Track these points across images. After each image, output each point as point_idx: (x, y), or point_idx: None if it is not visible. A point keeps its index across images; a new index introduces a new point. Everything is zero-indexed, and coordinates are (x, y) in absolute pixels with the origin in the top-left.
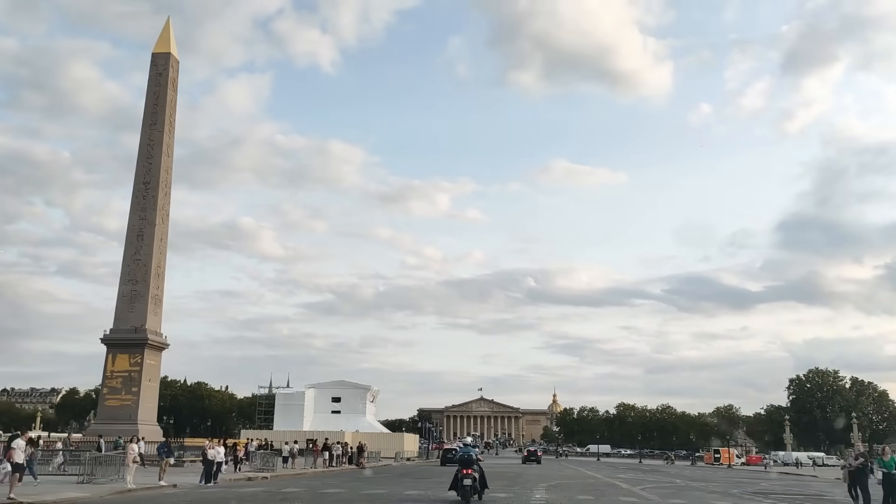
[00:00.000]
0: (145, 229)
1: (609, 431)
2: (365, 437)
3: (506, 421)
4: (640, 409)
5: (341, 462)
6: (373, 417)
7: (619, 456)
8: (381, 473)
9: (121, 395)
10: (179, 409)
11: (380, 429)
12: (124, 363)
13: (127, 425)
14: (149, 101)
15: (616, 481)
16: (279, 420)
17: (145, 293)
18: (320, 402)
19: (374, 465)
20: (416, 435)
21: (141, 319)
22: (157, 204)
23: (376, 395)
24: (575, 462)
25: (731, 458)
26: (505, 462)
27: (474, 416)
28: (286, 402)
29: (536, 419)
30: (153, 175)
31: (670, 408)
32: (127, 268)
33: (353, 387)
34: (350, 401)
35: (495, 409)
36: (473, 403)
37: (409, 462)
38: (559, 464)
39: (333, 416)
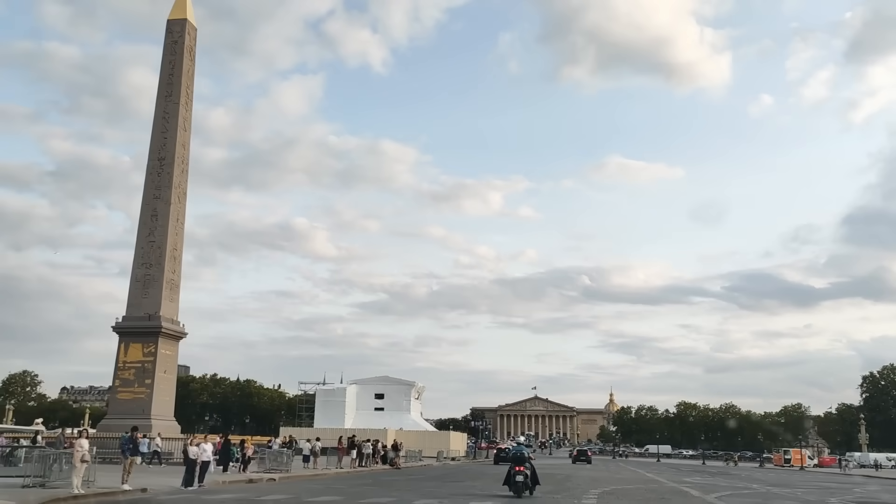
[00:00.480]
0: (160, 208)
1: (669, 431)
2: (408, 436)
3: (560, 420)
4: (702, 408)
5: (373, 462)
6: (418, 415)
7: (680, 457)
8: (411, 475)
9: (133, 387)
10: (229, 406)
11: (425, 427)
12: (137, 353)
13: (140, 420)
14: (164, 71)
15: (684, 487)
16: (320, 417)
17: (159, 277)
18: (363, 398)
19: (412, 465)
20: (463, 434)
21: (155, 306)
22: (172, 181)
23: (421, 392)
24: (633, 463)
25: (804, 460)
26: (555, 462)
27: (528, 415)
28: (327, 398)
29: (592, 418)
30: (168, 150)
31: (734, 407)
32: (140, 250)
33: (397, 383)
34: (394, 397)
35: (550, 408)
36: (528, 402)
37: (454, 462)
38: (616, 465)
39: (376, 413)
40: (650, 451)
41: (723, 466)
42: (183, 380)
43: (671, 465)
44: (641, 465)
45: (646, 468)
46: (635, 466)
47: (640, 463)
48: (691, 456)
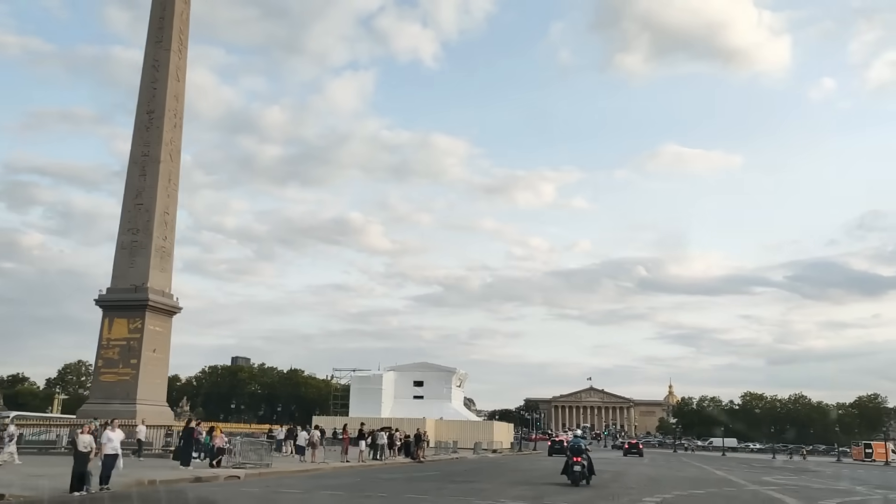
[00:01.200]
0: (148, 167)
1: (733, 423)
2: (447, 426)
3: (617, 412)
4: (769, 399)
5: (391, 454)
6: (460, 403)
7: (746, 450)
8: (423, 471)
9: (118, 368)
10: (276, 396)
11: (467, 416)
12: (122, 329)
13: (124, 405)
14: (154, 14)
15: (768, 490)
16: (355, 406)
17: (147, 244)
18: (401, 386)
19: (440, 457)
20: (509, 424)
21: (142, 276)
22: (162, 137)
23: (463, 380)
24: (697, 458)
25: (888, 454)
26: (604, 456)
27: (583, 406)
28: (362, 386)
29: (651, 410)
30: (158, 102)
31: (804, 397)
32: (127, 214)
33: (437, 370)
34: (433, 385)
35: (606, 399)
36: (583, 393)
37: (493, 455)
38: (678, 460)
39: (415, 401)
40: (714, 445)
41: (796, 461)
42: (231, 369)
43: (739, 459)
44: (706, 459)
45: (712, 464)
46: (700, 461)
47: (704, 457)
48: (758, 450)
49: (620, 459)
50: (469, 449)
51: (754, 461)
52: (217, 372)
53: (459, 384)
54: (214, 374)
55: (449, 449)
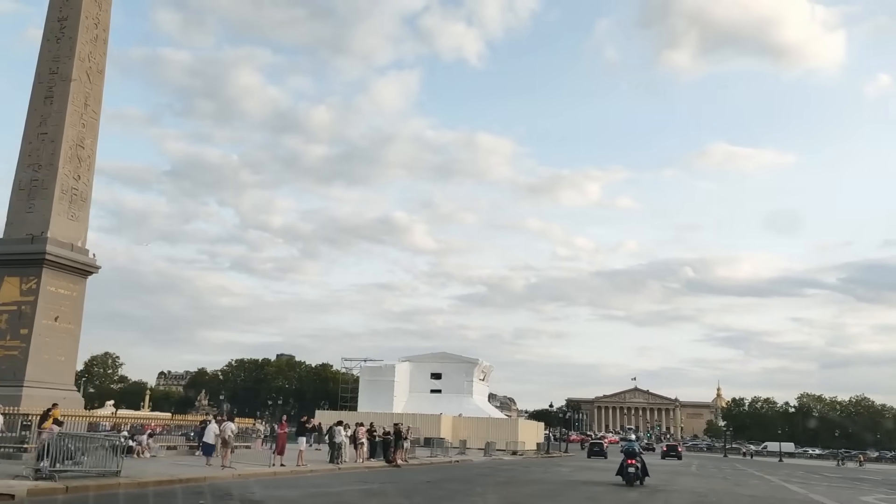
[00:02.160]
0: (57, 87)
1: (789, 427)
2: (465, 423)
3: (662, 413)
4: (829, 401)
5: (358, 456)
6: (482, 398)
7: (805, 456)
8: (375, 482)
9: (5, 340)
10: (304, 391)
11: (490, 412)
12: (12, 291)
13: (6, 388)
14: None
15: None
16: (364, 400)
17: (51, 184)
18: (417, 378)
19: (435, 460)
20: (539, 423)
21: (42, 224)
22: (75, 50)
23: (488, 373)
24: (753, 464)
25: None
26: None
27: (627, 406)
28: (372, 377)
29: (698, 412)
30: (73, 7)
31: (867, 399)
32: (28, 146)
33: (458, 360)
34: (453, 378)
35: (651, 400)
36: (627, 394)
37: (512, 457)
38: (732, 467)
39: (432, 396)
40: (769, 450)
41: (868, 469)
42: (259, 363)
43: (803, 467)
44: (763, 466)
45: (775, 472)
46: (757, 468)
47: (760, 464)
48: (818, 455)
49: (659, 464)
50: (480, 450)
51: (821, 469)
52: (244, 366)
53: (483, 377)
54: (241, 368)
55: (452, 450)
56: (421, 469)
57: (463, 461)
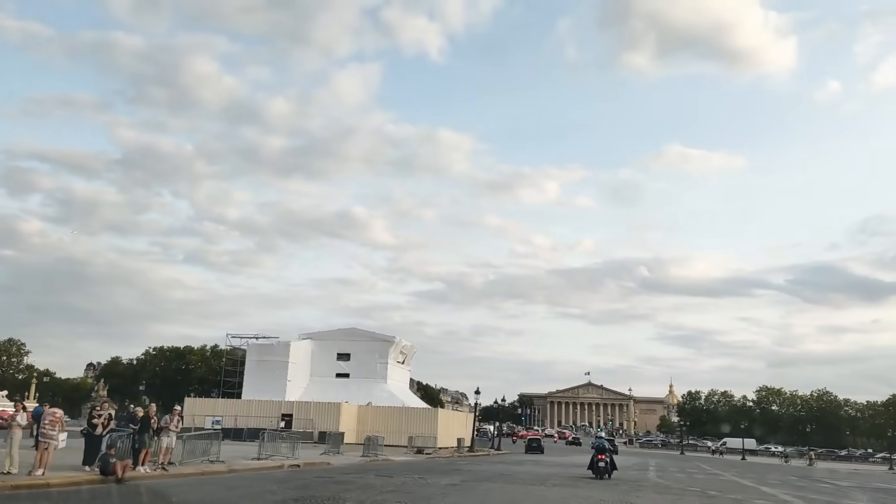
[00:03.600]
0: None
1: (749, 422)
2: (374, 414)
3: (616, 409)
4: (789, 395)
5: (39, 463)
6: (401, 385)
7: (768, 454)
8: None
9: None
10: None
11: (407, 401)
12: None
13: None
14: None
15: None
16: (251, 385)
17: None
18: (320, 359)
19: (244, 466)
20: (467, 414)
21: None
22: None
23: (409, 354)
24: (717, 463)
25: None
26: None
27: (581, 402)
28: (261, 357)
29: (651, 408)
30: None
31: (829, 394)
32: None
33: (370, 338)
34: (364, 360)
35: (604, 395)
36: (580, 389)
37: (410, 458)
38: (695, 466)
39: (338, 381)
40: (728, 446)
41: (839, 469)
42: (180, 351)
43: (775, 468)
44: (730, 466)
45: (747, 475)
46: (725, 469)
47: (724, 463)
48: (781, 453)
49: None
50: (401, 446)
51: (795, 470)
52: (164, 354)
53: (403, 360)
54: (161, 357)
55: (347, 447)
56: (163, 486)
57: (309, 466)
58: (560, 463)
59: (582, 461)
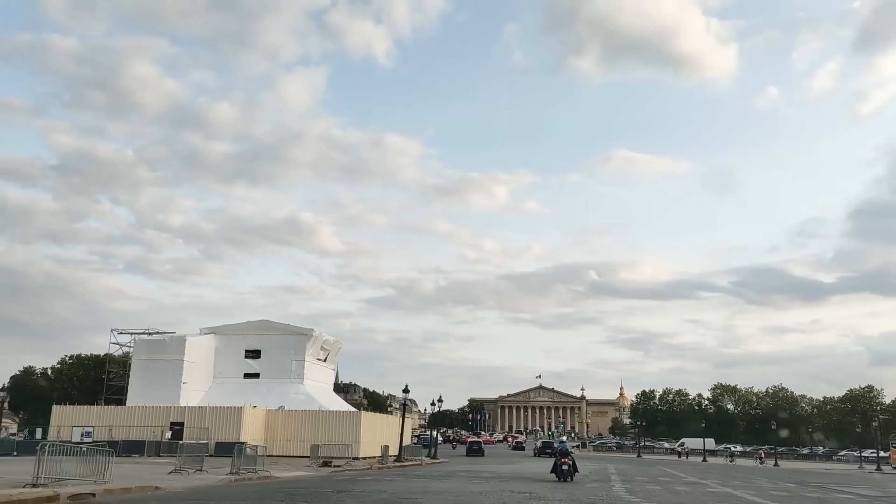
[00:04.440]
0: None
1: (706, 421)
2: (286, 420)
3: (568, 412)
4: (744, 391)
5: None
6: (321, 385)
7: (727, 454)
8: None
9: None
10: None
11: (328, 403)
12: None
13: None
14: None
15: None
16: (136, 390)
17: None
18: (225, 358)
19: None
20: (393, 418)
21: None
22: None
23: (332, 350)
24: (685, 467)
25: None
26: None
27: (532, 406)
28: (151, 356)
29: (603, 410)
30: None
31: (785, 390)
32: None
33: (284, 332)
34: (277, 357)
35: (556, 398)
36: (531, 392)
37: (302, 474)
38: (661, 471)
39: (247, 382)
40: (687, 447)
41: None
42: (100, 359)
43: (736, 469)
44: (697, 470)
45: (729, 480)
46: (693, 473)
47: (696, 467)
48: (742, 453)
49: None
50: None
51: (779, 473)
52: (82, 363)
53: (325, 357)
54: (79, 366)
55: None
56: None
57: (123, 493)
58: (500, 474)
59: (527, 470)
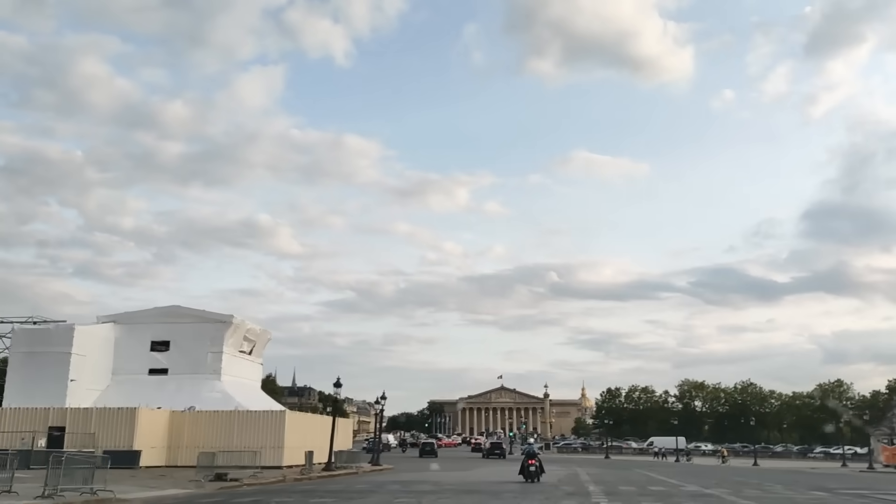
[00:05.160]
0: None
1: (675, 419)
2: (195, 422)
3: (530, 413)
4: (712, 388)
5: None
6: (249, 381)
7: (700, 453)
8: None
9: None
10: None
11: (248, 402)
12: None
13: None
14: None
15: None
16: (14, 388)
17: None
18: (127, 351)
19: None
20: (342, 419)
21: None
22: None
23: (260, 342)
24: (668, 470)
25: None
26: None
27: (494, 407)
28: (33, 348)
29: (566, 410)
30: None
31: (754, 385)
32: None
33: (198, 319)
34: (190, 349)
35: (518, 399)
36: (493, 394)
37: (195, 492)
38: (643, 476)
39: (153, 379)
40: (656, 447)
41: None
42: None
43: (746, 472)
44: (680, 472)
45: (738, 490)
46: (709, 485)
47: (683, 470)
48: (713, 452)
49: None
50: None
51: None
52: None
53: (250, 350)
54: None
55: None
56: None
57: None
58: (442, 486)
59: (479, 478)
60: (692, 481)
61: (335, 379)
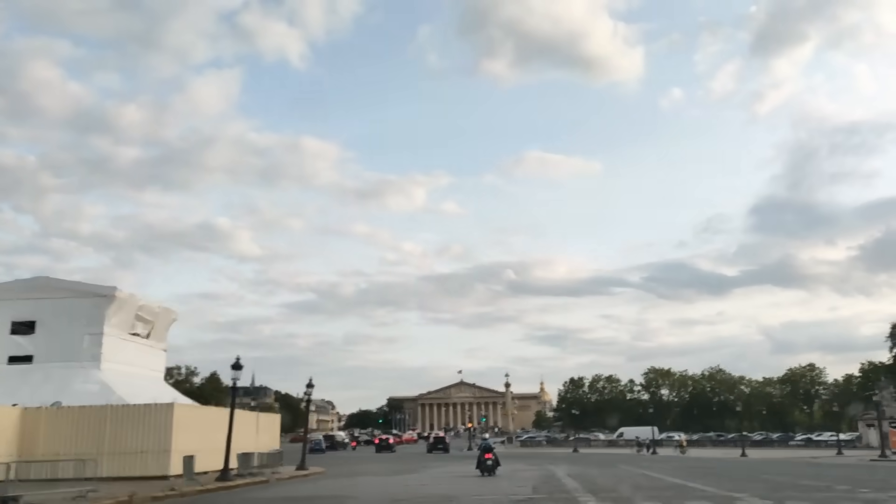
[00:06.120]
0: None
1: (642, 409)
2: (51, 421)
3: (490, 407)
4: (678, 375)
5: None
6: (144, 370)
7: (673, 444)
8: None
9: None
10: None
11: (138, 393)
12: None
13: None
14: None
15: None
16: None
17: None
18: None
19: None
20: (265, 414)
21: None
22: None
23: (161, 323)
24: (663, 467)
25: None
26: None
27: (453, 402)
28: None
29: (526, 404)
30: None
31: (722, 371)
32: None
33: (72, 293)
34: (61, 331)
35: (477, 394)
36: (452, 389)
37: None
38: (644, 477)
39: (14, 368)
40: (626, 438)
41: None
42: None
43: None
44: (711, 473)
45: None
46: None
47: (680, 467)
48: (694, 441)
49: None
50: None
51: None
52: None
53: (147, 333)
54: None
55: None
56: None
57: None
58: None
59: (429, 489)
60: (712, 483)
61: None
